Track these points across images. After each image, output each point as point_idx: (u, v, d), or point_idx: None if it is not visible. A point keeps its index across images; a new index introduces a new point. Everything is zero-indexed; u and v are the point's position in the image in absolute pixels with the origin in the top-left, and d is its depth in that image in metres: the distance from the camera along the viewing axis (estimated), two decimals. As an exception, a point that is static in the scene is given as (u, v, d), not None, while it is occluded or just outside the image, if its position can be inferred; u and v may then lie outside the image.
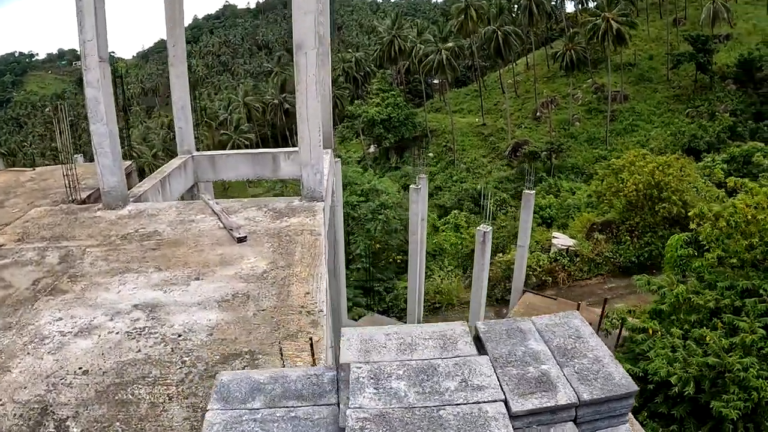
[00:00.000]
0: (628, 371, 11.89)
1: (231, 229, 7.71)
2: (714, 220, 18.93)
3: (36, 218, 8.97)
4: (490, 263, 37.29)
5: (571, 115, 73.09)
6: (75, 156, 21.93)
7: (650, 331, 16.66)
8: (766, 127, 58.36)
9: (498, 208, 53.66)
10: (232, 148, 67.48)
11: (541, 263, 34.94)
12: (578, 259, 35.58)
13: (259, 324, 5.52)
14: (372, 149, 76.50)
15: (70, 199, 10.56)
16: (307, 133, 8.62)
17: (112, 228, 8.24)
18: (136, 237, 7.82)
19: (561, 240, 37.40)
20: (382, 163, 73.74)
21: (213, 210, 8.58)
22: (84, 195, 10.99)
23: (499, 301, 34.84)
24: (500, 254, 37.64)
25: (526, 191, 20.59)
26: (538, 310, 21.32)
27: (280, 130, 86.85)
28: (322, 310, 5.78)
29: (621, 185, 34.56)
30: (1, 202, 11.40)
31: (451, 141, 73.19)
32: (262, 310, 5.78)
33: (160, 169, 11.60)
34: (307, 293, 6.13)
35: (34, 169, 14.01)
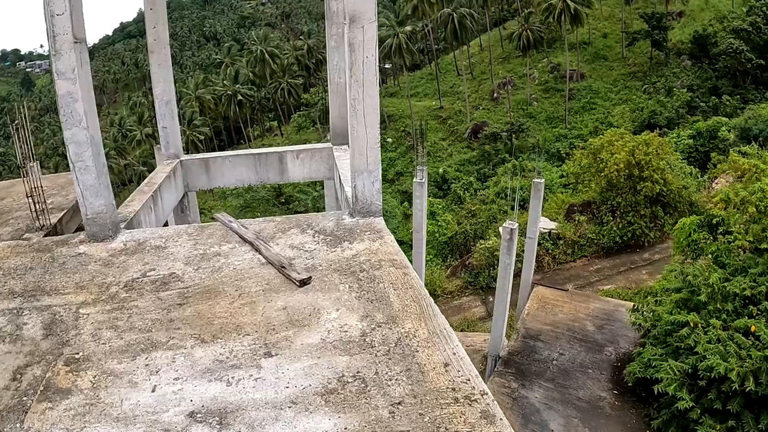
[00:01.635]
0: (677, 368, 10.44)
1: (283, 267, 5.54)
2: (740, 204, 17.92)
3: (-3, 259, 6.64)
4: (471, 251, 35.91)
5: (528, 95, 72.48)
6: (30, 165, 19.04)
7: (691, 324, 15.42)
8: (728, 101, 58.46)
9: (464, 191, 52.46)
10: (187, 144, 64.27)
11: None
12: (561, 241, 34.77)
13: (408, 431, 3.43)
14: (328, 137, 74.47)
15: (38, 225, 8.21)
16: (363, 131, 6.48)
17: (107, 271, 5.96)
18: (148, 285, 5.57)
19: (543, 223, 36.11)
20: (340, 151, 71.96)
21: (242, 237, 6.37)
22: (54, 218, 8.62)
23: (484, 289, 33.69)
24: (481, 241, 36.31)
25: (536, 180, 18.79)
26: (552, 303, 19.82)
27: (233, 122, 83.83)
28: (486, 393, 3.75)
29: (601, 165, 33.62)
30: (-54, 232, 8.94)
31: (409, 126, 71.86)
32: (398, 404, 3.66)
33: (147, 179, 9.23)
34: (447, 365, 4.06)
35: (-16, 186, 11.50)
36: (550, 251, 33.98)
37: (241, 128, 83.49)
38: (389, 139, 70.10)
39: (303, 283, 5.29)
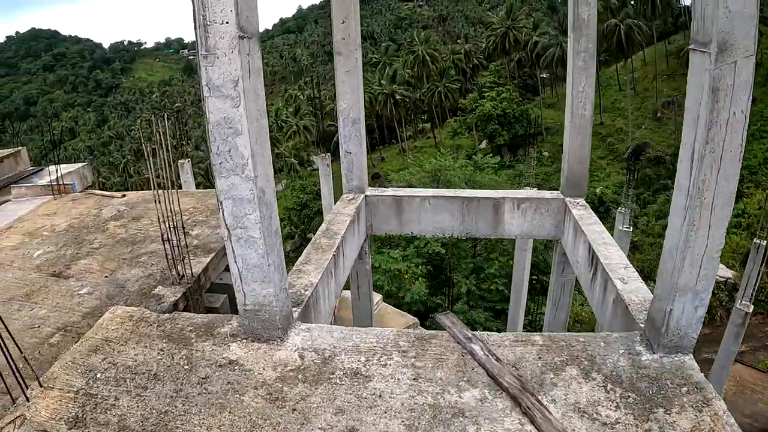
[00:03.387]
0: None
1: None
2: None
3: (112, 341, 4.50)
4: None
5: (695, 117, 66.02)
6: (180, 162, 17.50)
7: None
8: None
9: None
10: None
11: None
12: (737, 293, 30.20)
13: None
14: (484, 145, 71.82)
15: (175, 275, 6.16)
16: (705, 232, 3.79)
17: (275, 417, 3.59)
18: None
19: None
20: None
21: (494, 377, 3.81)
22: (198, 266, 6.54)
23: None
24: (652, 282, 32.26)
25: (758, 241, 14.64)
26: (751, 388, 16.24)
27: (385, 121, 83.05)
28: None
29: (789, 207, 28.88)
30: (68, 263, 7.11)
31: (567, 140, 67.77)
32: None
33: (325, 225, 6.80)
34: None
35: (123, 195, 9.88)
36: (724, 303, 29.95)
37: (394, 127, 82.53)
38: (545, 153, 66.53)
39: None
